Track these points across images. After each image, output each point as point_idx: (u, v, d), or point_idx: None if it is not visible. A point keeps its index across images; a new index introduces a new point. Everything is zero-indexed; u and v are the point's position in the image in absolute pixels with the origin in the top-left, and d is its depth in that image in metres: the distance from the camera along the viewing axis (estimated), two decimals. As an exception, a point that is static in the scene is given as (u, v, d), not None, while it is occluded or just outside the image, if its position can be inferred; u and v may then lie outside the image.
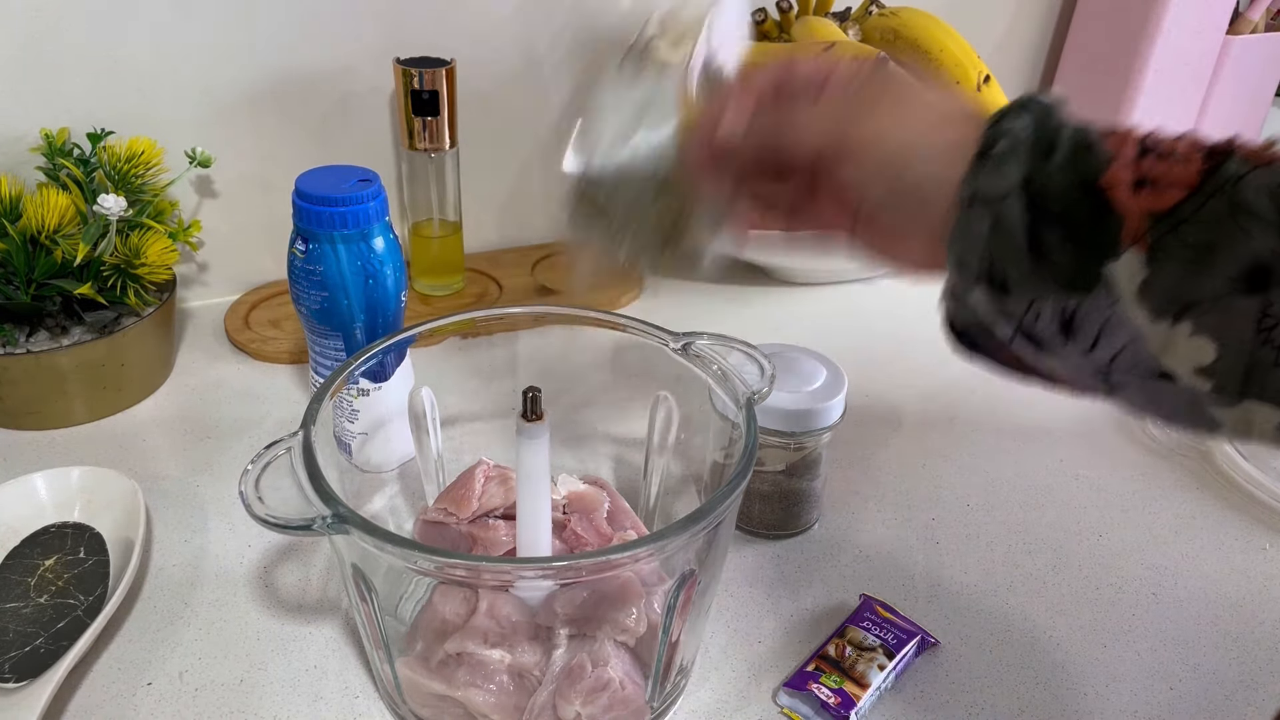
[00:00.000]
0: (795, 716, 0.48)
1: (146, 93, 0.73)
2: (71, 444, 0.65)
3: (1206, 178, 0.33)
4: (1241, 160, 0.34)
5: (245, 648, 0.51)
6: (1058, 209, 0.34)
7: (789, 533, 0.60)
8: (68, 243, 0.63)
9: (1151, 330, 0.33)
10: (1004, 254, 0.35)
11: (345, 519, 0.39)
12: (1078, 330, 0.35)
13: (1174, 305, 0.33)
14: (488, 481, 0.53)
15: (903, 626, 0.52)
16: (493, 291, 0.85)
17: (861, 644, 0.50)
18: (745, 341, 0.52)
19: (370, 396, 0.58)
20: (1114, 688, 0.51)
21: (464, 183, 0.84)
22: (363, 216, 0.56)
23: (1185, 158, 0.34)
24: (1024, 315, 0.36)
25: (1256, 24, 1.02)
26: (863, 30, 0.89)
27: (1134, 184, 0.34)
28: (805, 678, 0.49)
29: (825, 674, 0.49)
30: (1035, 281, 0.35)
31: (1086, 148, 0.34)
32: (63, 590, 0.52)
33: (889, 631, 0.51)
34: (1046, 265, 0.34)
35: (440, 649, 0.45)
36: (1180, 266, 0.33)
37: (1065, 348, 0.36)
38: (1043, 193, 0.34)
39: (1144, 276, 0.33)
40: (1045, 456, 0.68)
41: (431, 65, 0.74)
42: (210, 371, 0.73)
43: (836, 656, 0.50)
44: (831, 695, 0.47)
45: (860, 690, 0.48)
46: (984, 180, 0.35)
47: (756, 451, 0.44)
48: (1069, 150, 0.34)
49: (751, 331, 0.82)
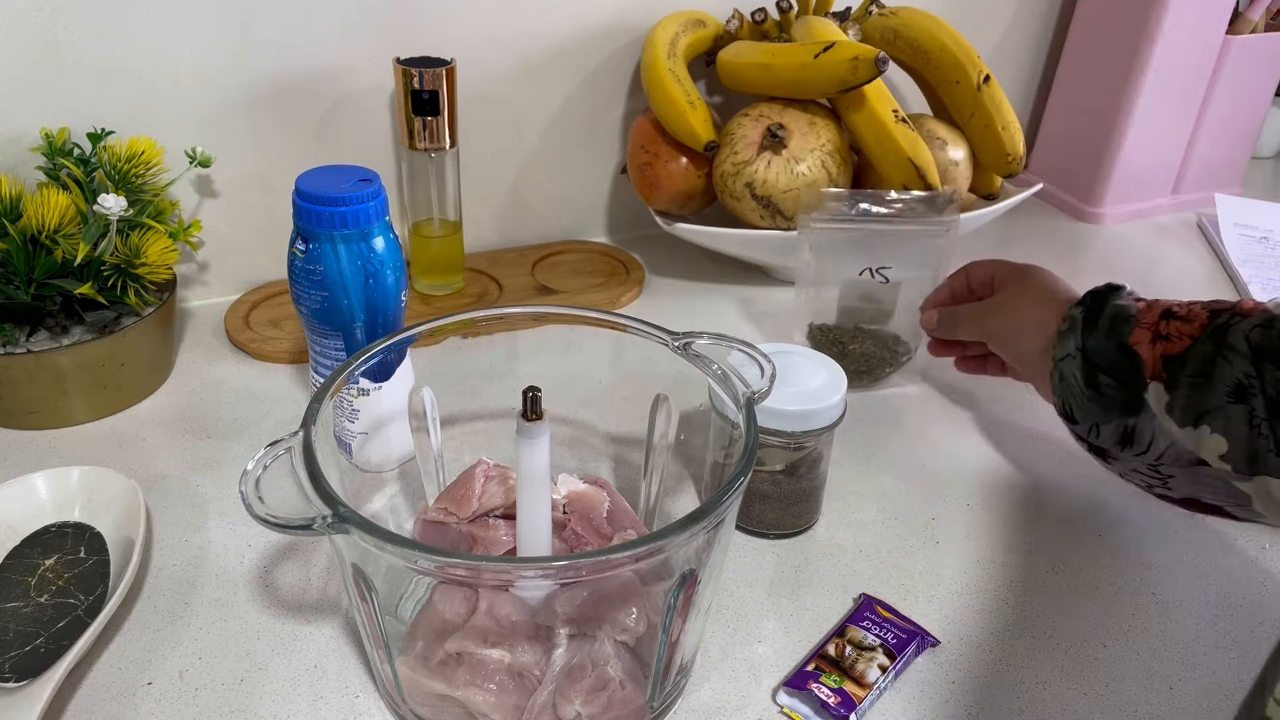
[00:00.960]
0: (795, 716, 0.48)
1: (147, 92, 0.73)
2: (72, 444, 0.65)
3: (1205, 329, 0.50)
4: (1232, 314, 0.49)
5: (245, 647, 0.51)
6: (1103, 363, 0.53)
7: (789, 533, 0.60)
8: (68, 242, 0.63)
9: (1182, 434, 0.49)
10: (1068, 395, 0.55)
11: (345, 519, 0.39)
12: (1136, 440, 0.52)
13: (1191, 415, 0.49)
14: (488, 481, 0.53)
15: (903, 626, 0.52)
16: (493, 291, 0.85)
17: (861, 644, 0.50)
18: (745, 341, 0.52)
19: (370, 396, 0.58)
20: (1114, 688, 0.51)
21: (464, 183, 0.84)
22: (363, 216, 0.56)
23: (1194, 317, 0.51)
24: (1087, 435, 0.55)
25: (1256, 24, 1.02)
26: (863, 30, 0.89)
27: (1153, 340, 0.51)
28: (805, 677, 0.49)
29: (825, 674, 0.49)
30: (1095, 411, 0.53)
31: (1123, 319, 0.52)
32: (63, 590, 0.52)
33: (889, 631, 0.51)
34: (1104, 399, 0.52)
35: (440, 649, 0.45)
36: (1189, 389, 0.49)
37: (1124, 453, 0.53)
38: (1092, 353, 0.53)
39: (1167, 400, 0.50)
40: (1045, 456, 0.68)
41: (431, 65, 0.74)
42: (210, 371, 0.73)
43: (836, 656, 0.50)
44: (832, 695, 0.47)
45: (861, 690, 0.48)
46: (1057, 349, 0.55)
47: (756, 451, 0.44)
48: (1109, 322, 0.53)
49: (751, 331, 0.83)
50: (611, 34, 0.87)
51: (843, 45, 0.77)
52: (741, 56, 0.83)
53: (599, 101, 0.90)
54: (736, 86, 0.85)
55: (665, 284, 0.89)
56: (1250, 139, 1.10)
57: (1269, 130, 1.24)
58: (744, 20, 0.89)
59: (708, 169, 0.84)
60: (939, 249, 0.71)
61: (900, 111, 0.80)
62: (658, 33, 0.84)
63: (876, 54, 0.74)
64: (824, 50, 0.77)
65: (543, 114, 0.89)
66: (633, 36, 0.88)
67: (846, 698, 0.47)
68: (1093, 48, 1.03)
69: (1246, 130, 1.09)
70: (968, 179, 0.86)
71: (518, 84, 0.86)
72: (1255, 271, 0.94)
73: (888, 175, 0.80)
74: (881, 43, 0.88)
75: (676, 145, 0.83)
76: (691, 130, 0.80)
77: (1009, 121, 0.85)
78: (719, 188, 0.83)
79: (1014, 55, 1.10)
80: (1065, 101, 1.08)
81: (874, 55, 0.74)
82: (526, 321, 0.55)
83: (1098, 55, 1.02)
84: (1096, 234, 1.04)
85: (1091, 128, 1.04)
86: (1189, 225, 1.07)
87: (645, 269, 0.90)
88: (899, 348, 0.74)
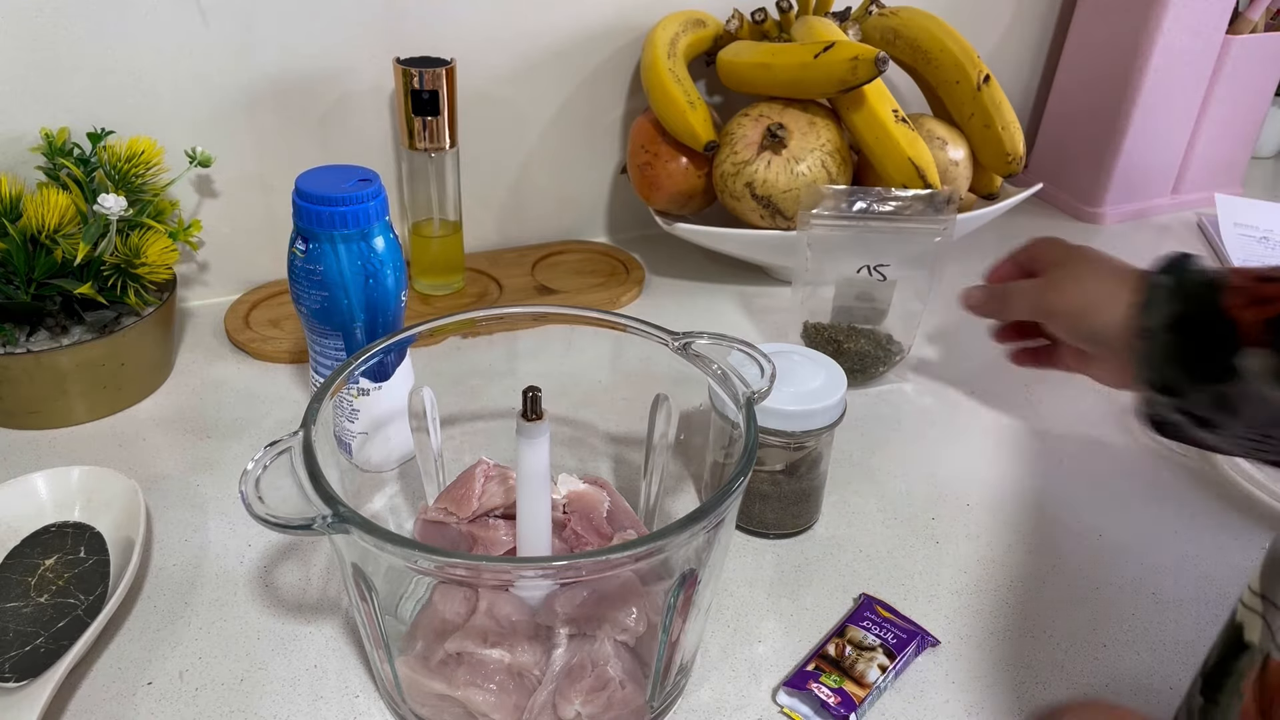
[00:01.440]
0: (795, 716, 0.48)
1: (146, 92, 0.73)
2: (72, 443, 0.65)
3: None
4: None
5: (245, 647, 0.51)
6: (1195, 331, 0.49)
7: (789, 533, 0.60)
8: (68, 242, 0.63)
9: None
10: (1166, 369, 0.50)
11: (345, 518, 0.39)
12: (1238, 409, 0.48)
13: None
14: (488, 481, 0.53)
15: (903, 626, 0.52)
16: (493, 291, 0.85)
17: (861, 643, 0.50)
18: (745, 341, 0.52)
19: (370, 396, 0.58)
20: (1114, 687, 0.51)
21: (464, 182, 0.84)
22: (363, 216, 0.56)
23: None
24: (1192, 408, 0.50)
25: (1256, 24, 1.02)
26: (863, 30, 0.89)
27: (1250, 303, 0.47)
28: (805, 677, 0.49)
29: (825, 673, 0.49)
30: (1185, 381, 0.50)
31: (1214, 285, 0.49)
32: (63, 590, 0.52)
33: (889, 631, 0.51)
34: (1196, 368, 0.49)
35: (440, 648, 0.45)
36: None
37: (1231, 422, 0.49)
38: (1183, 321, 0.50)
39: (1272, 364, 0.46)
40: (1045, 456, 0.68)
41: (431, 65, 0.74)
42: (210, 371, 0.73)
43: (836, 656, 0.50)
44: (832, 695, 0.47)
45: (860, 690, 0.48)
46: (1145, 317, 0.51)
47: (756, 451, 0.44)
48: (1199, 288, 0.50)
49: (751, 331, 0.83)
50: (611, 34, 0.87)
51: (843, 45, 0.77)
52: (741, 56, 0.83)
53: (599, 101, 0.90)
54: (736, 86, 0.85)
55: (665, 284, 0.89)
56: (1250, 139, 1.10)
57: (1269, 130, 1.24)
58: (744, 20, 0.89)
59: (708, 169, 0.84)
60: (936, 248, 0.71)
61: (900, 111, 0.80)
62: (658, 32, 0.84)
63: (876, 54, 0.74)
64: (824, 50, 0.77)
65: (543, 114, 0.89)
66: (633, 36, 0.88)
67: (846, 698, 0.47)
68: (1093, 48, 1.03)
69: (1246, 130, 1.09)
70: (967, 179, 0.86)
71: (518, 84, 0.86)
72: (1255, 271, 0.94)
73: (887, 175, 0.80)
74: (881, 42, 0.88)
75: (676, 145, 0.83)
76: (691, 130, 0.80)
77: (1009, 121, 0.85)
78: (719, 188, 0.83)
79: (1014, 55, 1.10)
80: (1065, 101, 1.08)
81: (874, 55, 0.74)
82: (526, 321, 0.55)
83: (1098, 55, 1.02)
84: (1096, 234, 1.04)
85: (1091, 128, 1.04)
86: (1189, 225, 1.07)
87: (645, 269, 0.90)
88: (892, 346, 0.74)
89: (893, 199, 0.72)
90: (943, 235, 0.70)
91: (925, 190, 0.75)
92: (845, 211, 0.71)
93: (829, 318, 0.74)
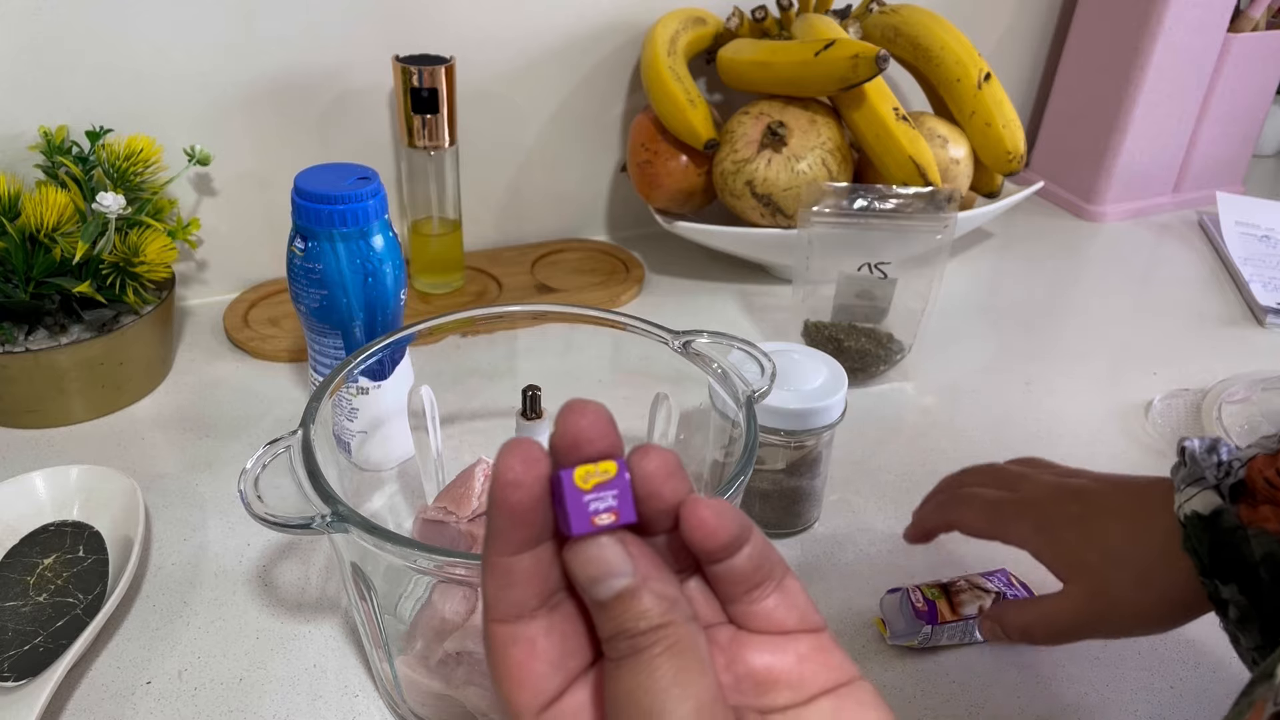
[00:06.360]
0: (878, 621, 0.51)
1: (145, 90, 0.73)
2: (70, 442, 0.65)
3: None
4: None
5: (245, 646, 0.51)
6: None
7: (789, 532, 0.60)
8: (66, 241, 0.63)
9: None
10: None
11: (345, 518, 0.39)
12: None
13: None
14: (487, 480, 0.53)
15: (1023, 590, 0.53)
16: (492, 290, 0.85)
17: (981, 586, 0.52)
18: (745, 340, 0.51)
19: (370, 395, 0.58)
20: (1114, 687, 0.51)
21: (464, 181, 0.84)
22: (362, 214, 0.56)
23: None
24: None
25: (1257, 22, 1.01)
26: (864, 28, 0.89)
27: None
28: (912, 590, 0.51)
29: (930, 588, 0.51)
30: None
31: None
32: (62, 589, 0.52)
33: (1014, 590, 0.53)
34: None
35: (440, 648, 0.45)
36: None
37: None
38: None
39: None
40: (1045, 455, 0.68)
41: (431, 63, 0.73)
42: (209, 370, 0.73)
43: (951, 584, 0.52)
44: (923, 601, 0.50)
45: (951, 615, 0.50)
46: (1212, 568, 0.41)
47: (757, 450, 0.44)
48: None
49: (751, 330, 0.83)
50: (611, 31, 0.87)
51: (843, 43, 0.76)
52: (742, 54, 0.83)
53: (599, 99, 0.90)
54: (737, 84, 0.85)
55: (665, 282, 0.89)
56: (1251, 137, 1.10)
57: (1270, 128, 1.23)
58: (744, 18, 0.89)
59: (708, 167, 0.84)
60: (937, 246, 0.71)
61: (901, 109, 0.80)
62: (658, 30, 0.84)
63: (877, 51, 0.74)
64: (825, 48, 0.77)
65: (542, 112, 0.88)
66: (633, 34, 0.88)
67: (934, 610, 0.49)
68: (1093, 45, 1.03)
69: (1248, 128, 1.09)
70: (968, 177, 0.86)
71: (517, 82, 0.86)
72: (1256, 270, 0.94)
73: (888, 173, 0.80)
74: (882, 40, 0.88)
75: (676, 143, 0.83)
76: (691, 128, 0.80)
77: (1010, 119, 0.85)
78: (719, 186, 0.83)
79: (1015, 53, 1.10)
80: (1066, 99, 1.08)
81: (875, 53, 0.74)
82: (526, 320, 0.55)
83: (1098, 53, 1.02)
84: (1097, 232, 1.04)
85: (1092, 126, 1.04)
86: (1190, 224, 1.07)
87: (645, 267, 0.90)
88: (893, 345, 0.74)
89: (893, 197, 0.72)
90: (943, 233, 0.70)
91: (926, 188, 0.75)
92: (846, 210, 0.71)
93: (829, 316, 0.74)
